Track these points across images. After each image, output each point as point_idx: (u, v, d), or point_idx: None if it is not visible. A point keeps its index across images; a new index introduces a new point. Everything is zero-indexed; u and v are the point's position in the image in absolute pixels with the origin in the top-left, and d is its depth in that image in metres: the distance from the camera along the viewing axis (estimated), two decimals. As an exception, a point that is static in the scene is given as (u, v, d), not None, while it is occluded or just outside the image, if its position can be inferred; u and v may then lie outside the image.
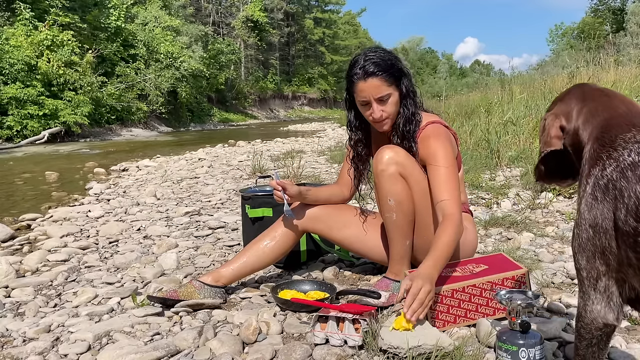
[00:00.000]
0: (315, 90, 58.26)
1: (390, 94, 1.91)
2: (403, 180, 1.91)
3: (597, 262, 1.01)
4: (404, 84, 1.94)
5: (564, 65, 10.35)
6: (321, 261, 2.64)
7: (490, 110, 6.79)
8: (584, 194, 1.04)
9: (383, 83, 1.89)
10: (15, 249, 3.17)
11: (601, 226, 1.00)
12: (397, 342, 1.49)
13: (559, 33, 54.45)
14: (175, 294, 2.00)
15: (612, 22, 36.81)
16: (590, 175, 1.04)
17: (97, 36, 24.43)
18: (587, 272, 1.04)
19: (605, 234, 0.99)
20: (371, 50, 1.95)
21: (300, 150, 9.47)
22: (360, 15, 75.45)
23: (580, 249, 1.05)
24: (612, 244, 0.99)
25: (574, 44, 34.43)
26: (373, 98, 1.90)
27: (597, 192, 1.01)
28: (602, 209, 0.99)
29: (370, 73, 1.87)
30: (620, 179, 0.97)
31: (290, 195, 2.05)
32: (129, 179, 6.46)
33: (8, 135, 16.83)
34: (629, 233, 0.95)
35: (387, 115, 1.94)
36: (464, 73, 79.51)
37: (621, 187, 0.97)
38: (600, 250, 1.01)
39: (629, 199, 0.95)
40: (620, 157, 0.99)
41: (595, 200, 1.01)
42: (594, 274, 1.03)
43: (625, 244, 0.96)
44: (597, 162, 1.04)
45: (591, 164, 1.05)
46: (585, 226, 1.03)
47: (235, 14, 48.94)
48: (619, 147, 1.01)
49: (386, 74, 1.88)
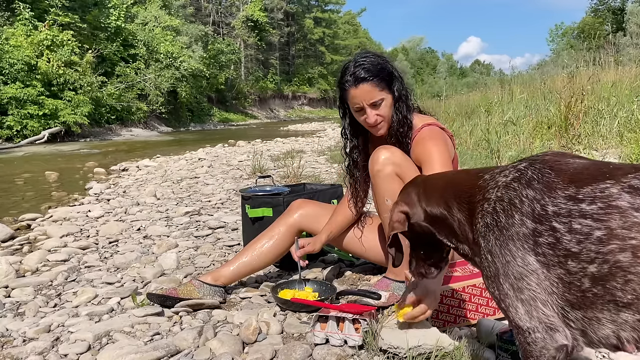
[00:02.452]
0: (315, 90, 58.27)
1: (383, 99, 1.91)
2: (400, 180, 1.91)
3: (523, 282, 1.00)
4: (396, 87, 1.93)
5: (564, 65, 10.34)
6: (321, 261, 2.64)
7: (490, 110, 6.79)
8: (478, 233, 1.08)
9: (374, 88, 1.89)
10: (15, 249, 3.17)
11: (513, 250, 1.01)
12: (397, 342, 1.49)
13: (559, 33, 54.49)
14: (175, 292, 2.01)
15: (612, 22, 36.77)
16: (477, 217, 1.09)
17: (97, 36, 24.43)
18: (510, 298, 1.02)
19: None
20: (361, 55, 1.95)
21: (300, 150, 9.47)
22: (360, 15, 75.63)
23: (489, 281, 1.06)
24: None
25: (574, 44, 34.43)
26: (366, 104, 1.90)
27: (487, 219, 1.05)
28: (493, 229, 1.03)
29: (361, 79, 1.88)
30: (506, 192, 1.03)
31: (316, 252, 2.15)
32: (129, 179, 6.46)
33: (8, 135, 16.83)
34: (527, 235, 0.98)
35: (382, 118, 1.93)
36: (464, 73, 79.48)
37: (510, 197, 1.02)
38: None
39: (521, 204, 0.99)
40: (499, 182, 1.06)
41: (487, 226, 1.05)
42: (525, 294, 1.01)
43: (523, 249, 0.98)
44: (476, 207, 1.10)
45: (472, 212, 1.11)
46: (485, 254, 1.05)
47: (235, 14, 48.93)
48: (489, 183, 1.09)
49: (377, 79, 1.88)
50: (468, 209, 1.13)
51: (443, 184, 1.25)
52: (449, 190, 1.20)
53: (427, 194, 1.25)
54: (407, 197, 1.29)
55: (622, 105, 5.89)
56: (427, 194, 1.25)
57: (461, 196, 1.15)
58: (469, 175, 1.19)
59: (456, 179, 1.23)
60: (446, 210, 1.19)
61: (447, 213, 1.19)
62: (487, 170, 1.15)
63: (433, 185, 1.27)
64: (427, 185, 1.28)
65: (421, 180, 1.33)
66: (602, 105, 5.94)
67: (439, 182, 1.27)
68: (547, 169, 1.01)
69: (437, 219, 1.22)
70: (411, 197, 1.28)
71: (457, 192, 1.17)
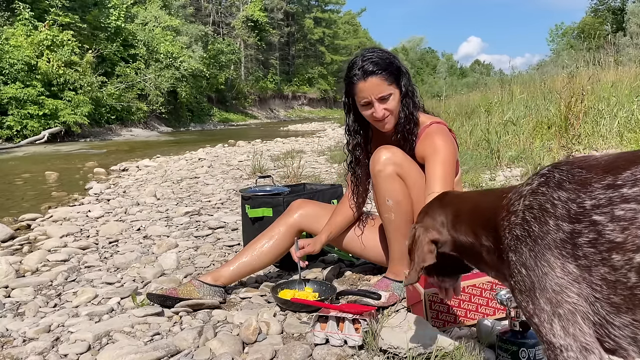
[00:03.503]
0: (315, 90, 58.25)
1: (391, 93, 1.89)
2: (401, 180, 1.91)
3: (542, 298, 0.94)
4: (403, 82, 1.93)
5: (564, 65, 10.35)
6: (321, 261, 2.64)
7: (490, 110, 6.79)
8: (507, 248, 1.02)
9: (383, 82, 1.87)
10: (15, 249, 3.17)
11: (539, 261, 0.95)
12: (397, 342, 1.49)
13: (559, 33, 54.48)
14: (175, 292, 2.01)
15: (612, 22, 36.78)
16: (504, 234, 1.03)
17: (97, 36, 24.44)
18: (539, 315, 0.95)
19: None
20: (369, 50, 1.94)
21: (300, 150, 9.47)
22: (360, 15, 75.60)
23: (522, 296, 0.98)
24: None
25: (574, 44, 34.44)
26: (374, 97, 1.87)
27: (516, 231, 0.99)
28: (525, 240, 0.97)
29: (369, 72, 1.86)
30: (535, 199, 0.97)
31: (316, 252, 2.14)
32: (129, 179, 6.47)
33: (8, 135, 16.85)
34: (565, 240, 0.91)
35: (390, 112, 1.91)
36: (464, 73, 79.50)
37: (540, 203, 0.95)
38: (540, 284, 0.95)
39: (554, 208, 0.93)
40: (523, 192, 1.00)
41: (517, 239, 0.98)
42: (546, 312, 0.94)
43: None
44: (502, 226, 1.03)
45: (500, 235, 1.05)
46: (518, 268, 0.98)
47: (235, 14, 48.94)
48: (513, 198, 1.03)
49: (386, 73, 1.87)
50: (494, 235, 1.07)
51: (470, 209, 1.19)
52: (476, 218, 1.15)
53: (454, 222, 1.20)
54: (434, 222, 1.24)
55: (622, 105, 5.89)
56: (455, 221, 1.20)
57: (488, 223, 1.10)
58: (494, 197, 1.13)
59: (482, 203, 1.17)
60: (474, 239, 1.14)
61: (475, 242, 1.14)
62: (510, 188, 1.10)
63: (460, 210, 1.21)
64: (455, 210, 1.22)
65: (448, 203, 1.26)
66: (602, 105, 5.94)
67: (466, 207, 1.21)
68: (576, 168, 0.95)
69: (465, 247, 1.18)
70: (438, 223, 1.23)
71: (484, 220, 1.12)
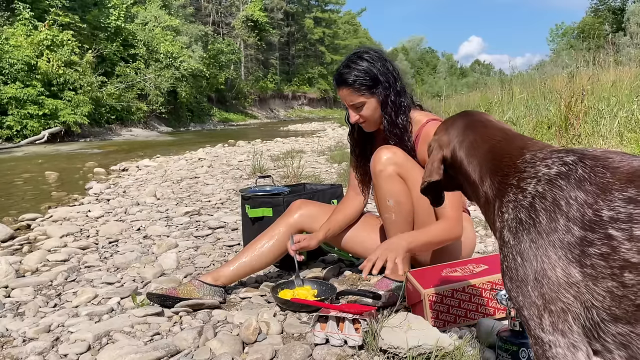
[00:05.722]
0: (315, 90, 58.24)
1: (363, 102, 1.95)
2: (401, 180, 1.91)
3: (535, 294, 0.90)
4: (379, 92, 1.93)
5: (564, 65, 10.35)
6: (321, 261, 2.64)
7: (490, 110, 6.80)
8: (505, 224, 0.97)
9: (352, 93, 1.94)
10: (15, 249, 3.17)
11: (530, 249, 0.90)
12: (397, 342, 1.49)
13: (559, 33, 54.48)
14: (175, 292, 2.01)
15: (612, 22, 36.81)
16: (506, 204, 0.97)
17: (97, 36, 24.43)
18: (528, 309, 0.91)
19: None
20: (351, 56, 1.98)
21: (300, 150, 9.47)
22: (360, 15, 75.61)
23: (513, 284, 0.94)
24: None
25: (574, 44, 34.43)
26: (347, 104, 1.98)
27: (520, 214, 0.93)
28: (529, 229, 0.91)
29: (340, 82, 1.95)
30: (550, 189, 0.90)
31: (312, 248, 2.13)
32: (129, 179, 6.46)
33: (8, 135, 16.84)
34: (573, 244, 0.86)
35: (363, 120, 1.99)
36: (464, 73, 79.49)
37: (554, 197, 0.89)
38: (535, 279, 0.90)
39: (568, 207, 0.87)
40: (539, 173, 0.94)
41: (520, 223, 0.93)
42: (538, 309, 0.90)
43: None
44: (507, 190, 0.98)
45: (501, 194, 1.00)
46: (513, 254, 0.93)
47: (235, 14, 48.92)
48: (527, 168, 0.97)
49: (356, 84, 1.91)
50: (497, 188, 1.03)
51: (487, 149, 1.12)
52: (488, 161, 1.09)
53: (468, 153, 1.15)
54: (449, 142, 1.20)
55: (622, 105, 5.88)
56: (469, 153, 1.15)
57: (496, 173, 1.05)
58: (511, 147, 1.06)
59: (498, 149, 1.09)
60: (478, 181, 1.11)
61: (478, 183, 1.11)
62: (530, 146, 1.04)
63: (478, 143, 1.14)
64: (473, 141, 1.16)
65: (470, 127, 1.19)
66: (602, 105, 5.93)
67: (485, 142, 1.13)
68: (600, 167, 0.88)
69: (468, 180, 1.15)
70: (453, 144, 1.19)
71: (494, 168, 1.06)
